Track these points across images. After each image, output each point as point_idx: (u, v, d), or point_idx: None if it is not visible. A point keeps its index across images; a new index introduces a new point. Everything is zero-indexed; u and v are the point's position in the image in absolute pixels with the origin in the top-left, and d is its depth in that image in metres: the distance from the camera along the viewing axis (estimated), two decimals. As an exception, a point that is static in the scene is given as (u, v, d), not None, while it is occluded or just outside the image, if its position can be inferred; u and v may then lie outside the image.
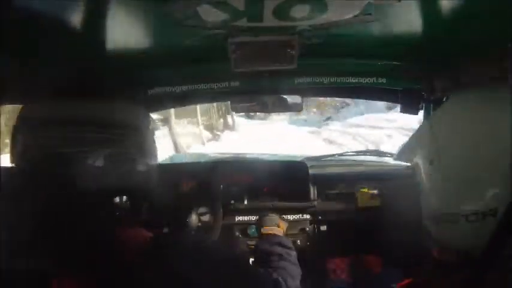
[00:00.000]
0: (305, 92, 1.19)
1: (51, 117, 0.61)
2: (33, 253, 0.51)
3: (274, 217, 1.05)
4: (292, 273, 0.77)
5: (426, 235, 0.61)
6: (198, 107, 7.89)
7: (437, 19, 0.67)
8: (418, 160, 0.61)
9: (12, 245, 0.50)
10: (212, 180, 1.29)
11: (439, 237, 0.58)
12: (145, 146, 0.70)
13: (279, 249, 0.83)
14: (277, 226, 1.01)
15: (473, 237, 0.50)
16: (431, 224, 0.59)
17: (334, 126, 9.16)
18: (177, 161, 2.38)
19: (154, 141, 0.74)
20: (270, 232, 1.00)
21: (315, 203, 1.34)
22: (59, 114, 0.62)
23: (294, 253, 0.84)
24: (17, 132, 0.62)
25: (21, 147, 0.61)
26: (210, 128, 9.50)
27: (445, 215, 0.54)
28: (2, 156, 0.77)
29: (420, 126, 0.65)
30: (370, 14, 0.62)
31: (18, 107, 0.67)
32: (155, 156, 0.73)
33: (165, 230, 0.85)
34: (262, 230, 1.01)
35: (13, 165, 0.62)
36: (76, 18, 0.63)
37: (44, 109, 0.62)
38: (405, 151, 0.70)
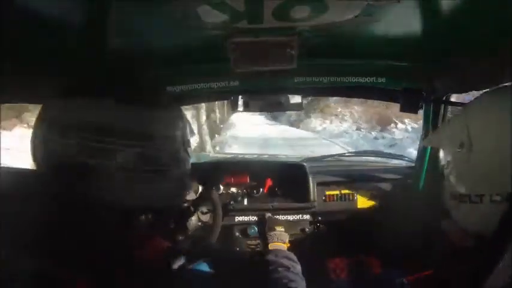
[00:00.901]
0: (305, 91, 1.19)
1: (74, 120, 0.57)
2: (46, 257, 0.50)
3: (282, 234, 1.06)
4: (297, 285, 0.81)
5: (445, 218, 0.62)
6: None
7: (437, 19, 0.67)
8: (447, 144, 0.63)
9: (24, 248, 0.49)
10: (212, 181, 1.29)
11: (460, 219, 0.59)
12: (175, 157, 0.64)
13: (286, 262, 0.85)
14: (283, 243, 1.02)
15: (495, 220, 0.50)
16: (454, 205, 0.60)
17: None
18: None
19: (186, 152, 0.68)
20: (277, 248, 1.02)
21: (315, 203, 1.34)
22: (82, 117, 0.58)
23: (299, 267, 0.87)
24: (37, 134, 0.60)
25: (41, 152, 0.59)
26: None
27: (470, 196, 0.55)
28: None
29: (453, 117, 0.67)
30: (370, 15, 0.62)
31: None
32: (187, 168, 0.68)
33: (177, 237, 0.84)
34: (269, 245, 1.03)
35: (34, 167, 0.60)
36: (76, 19, 0.63)
37: (67, 111, 0.59)
38: (435, 137, 0.72)
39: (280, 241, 1.04)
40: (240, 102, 1.23)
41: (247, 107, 1.22)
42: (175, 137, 0.65)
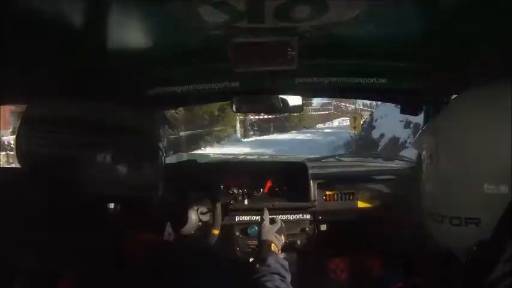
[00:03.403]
0: (306, 92, 1.19)
1: (56, 118, 0.59)
2: (35, 254, 0.51)
3: (279, 239, 1.02)
4: None
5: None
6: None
7: (437, 19, 0.67)
8: (423, 152, 0.60)
9: (14, 246, 0.50)
10: (212, 181, 1.29)
11: (429, 234, 0.58)
12: (153, 150, 0.68)
13: (282, 271, 0.85)
14: (278, 250, 0.99)
15: (456, 240, 0.51)
16: (424, 220, 0.58)
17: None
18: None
19: (162, 145, 0.71)
20: (274, 249, 0.98)
21: (315, 203, 1.34)
22: (63, 114, 0.60)
23: (289, 277, 0.86)
24: (21, 132, 0.61)
25: (24, 148, 0.61)
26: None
27: (433, 214, 0.54)
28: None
29: (433, 119, 0.63)
30: (370, 15, 0.62)
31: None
32: (162, 159, 0.72)
33: (167, 230, 0.85)
34: (272, 245, 0.98)
35: (17, 165, 0.62)
36: (76, 18, 0.63)
37: (49, 109, 0.61)
38: (417, 141, 0.68)
39: (277, 246, 1.01)
40: (241, 103, 1.23)
41: (247, 108, 1.22)
42: (152, 134, 0.68)
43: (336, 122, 14.21)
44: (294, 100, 1.21)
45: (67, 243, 0.52)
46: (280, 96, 1.20)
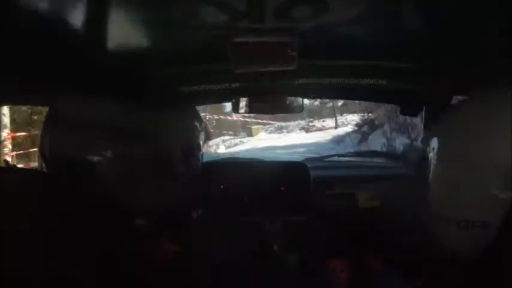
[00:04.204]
0: (306, 93, 1.19)
1: (82, 119, 0.57)
2: (53, 257, 0.50)
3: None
4: None
5: (427, 233, 0.61)
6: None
7: (437, 20, 0.67)
8: (430, 154, 0.60)
9: (31, 248, 0.49)
10: (212, 181, 1.29)
11: (435, 236, 0.59)
12: (184, 159, 0.65)
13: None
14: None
15: (462, 243, 0.51)
16: (431, 222, 0.59)
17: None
18: None
19: (196, 154, 0.68)
20: None
21: (315, 203, 1.34)
22: (90, 116, 0.58)
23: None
24: (45, 133, 0.59)
25: (49, 150, 0.59)
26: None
27: (440, 216, 0.54)
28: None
29: (438, 121, 0.63)
30: (370, 15, 0.62)
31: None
32: (195, 171, 0.68)
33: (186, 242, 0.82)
34: None
35: (41, 168, 0.60)
36: (76, 18, 0.63)
37: (74, 110, 0.59)
38: (423, 142, 0.68)
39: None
40: (241, 104, 1.23)
41: (247, 109, 1.22)
42: (184, 139, 0.65)
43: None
44: (294, 100, 1.21)
45: (85, 248, 0.51)
46: (281, 96, 1.20)
